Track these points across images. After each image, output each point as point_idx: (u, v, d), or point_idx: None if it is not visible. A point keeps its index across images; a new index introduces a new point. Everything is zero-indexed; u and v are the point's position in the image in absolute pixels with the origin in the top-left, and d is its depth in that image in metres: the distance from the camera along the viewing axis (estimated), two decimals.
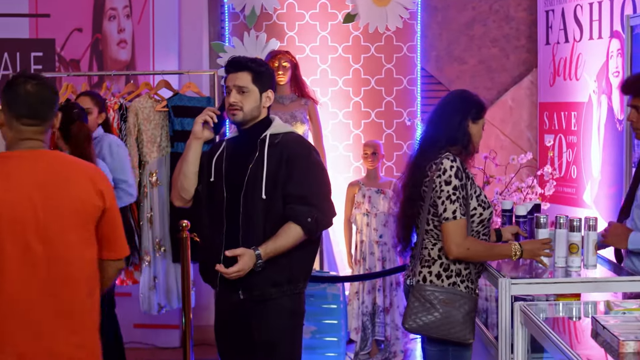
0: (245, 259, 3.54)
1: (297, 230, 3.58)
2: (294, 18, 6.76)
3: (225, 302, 3.80)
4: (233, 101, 3.69)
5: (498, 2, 6.84)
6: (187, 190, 3.82)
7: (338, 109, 6.79)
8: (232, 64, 3.80)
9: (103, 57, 6.95)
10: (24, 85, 3.00)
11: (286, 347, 3.74)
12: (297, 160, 3.69)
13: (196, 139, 3.82)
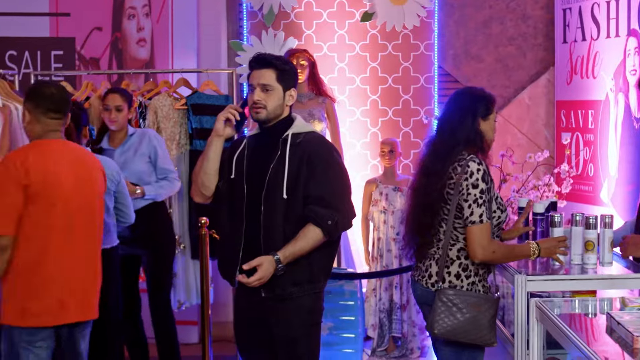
0: (265, 266, 3.56)
1: (317, 232, 3.59)
2: (312, 17, 6.78)
3: (244, 299, 3.81)
4: (257, 99, 3.67)
5: (515, 1, 6.86)
6: (208, 187, 3.83)
7: (355, 107, 6.80)
8: (257, 60, 3.77)
9: (122, 56, 6.99)
10: (48, 88, 3.91)
11: (305, 344, 3.76)
12: (319, 161, 3.68)
13: (218, 137, 3.81)
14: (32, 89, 3.94)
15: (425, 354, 6.02)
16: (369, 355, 5.98)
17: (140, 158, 5.26)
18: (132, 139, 5.30)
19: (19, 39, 6.80)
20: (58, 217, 3.68)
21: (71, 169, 3.75)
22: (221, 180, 3.84)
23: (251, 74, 3.75)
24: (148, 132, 5.38)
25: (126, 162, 5.19)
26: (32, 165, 3.63)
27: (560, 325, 2.72)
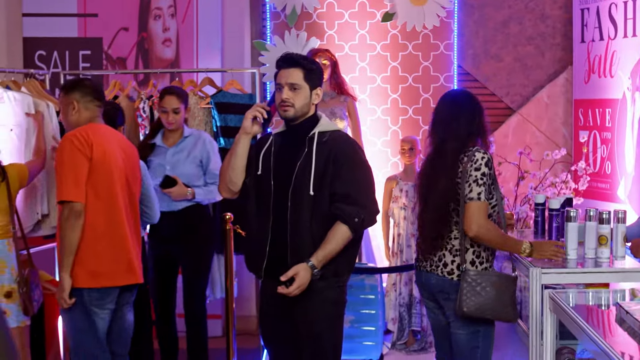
0: (302, 274, 3.64)
1: (345, 231, 3.67)
2: (334, 17, 6.80)
3: (270, 291, 3.86)
4: (285, 97, 3.74)
5: (534, 1, 6.89)
6: (235, 183, 3.89)
7: (376, 105, 6.85)
8: (285, 60, 3.83)
9: (148, 55, 7.04)
10: (85, 81, 4.35)
11: (328, 335, 3.83)
12: (345, 159, 3.74)
13: (245, 134, 3.87)
14: (73, 83, 4.30)
15: None
16: (389, 348, 6.03)
17: (192, 161, 5.27)
18: (187, 140, 5.28)
19: (48, 39, 6.88)
20: (116, 188, 4.10)
21: (119, 149, 4.19)
22: (248, 176, 3.90)
23: (279, 73, 3.81)
24: (203, 136, 5.35)
25: (177, 163, 5.22)
26: (93, 140, 4.01)
27: (572, 315, 2.82)
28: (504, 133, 6.90)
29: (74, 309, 3.97)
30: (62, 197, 3.94)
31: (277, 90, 3.80)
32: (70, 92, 4.21)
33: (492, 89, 6.96)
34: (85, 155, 3.98)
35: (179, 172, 5.16)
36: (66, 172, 3.96)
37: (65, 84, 4.35)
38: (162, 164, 5.22)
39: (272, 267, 3.78)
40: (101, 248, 4.04)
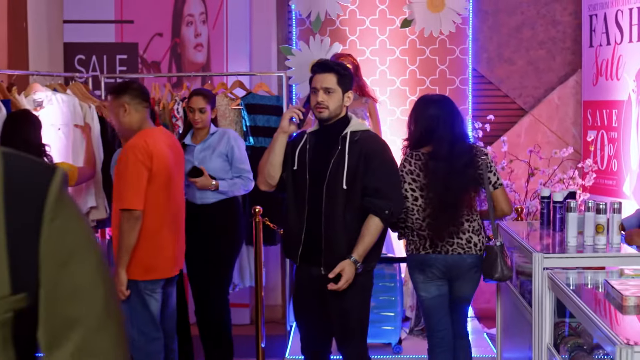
0: (347, 269, 3.96)
1: (377, 223, 3.99)
2: (356, 23, 6.88)
3: (305, 275, 4.19)
4: (321, 100, 4.02)
5: (545, 7, 7.05)
6: (273, 177, 4.19)
7: (396, 106, 6.91)
8: (320, 65, 4.12)
9: (181, 60, 7.23)
10: (133, 84, 4.66)
11: (357, 316, 4.17)
12: (374, 156, 4.04)
13: (283, 133, 4.17)
14: (122, 86, 4.63)
15: None
16: (407, 333, 6.14)
17: (218, 156, 5.37)
18: (212, 137, 5.41)
19: (87, 44, 7.06)
20: (168, 191, 4.51)
21: (168, 148, 4.55)
22: (284, 171, 4.18)
23: (314, 78, 4.07)
24: (228, 132, 5.50)
25: (204, 159, 5.34)
26: (153, 151, 4.39)
27: (565, 290, 3.18)
28: (517, 133, 7.07)
29: (131, 297, 4.41)
30: (125, 206, 4.34)
31: (313, 93, 4.05)
32: (120, 95, 4.50)
33: (505, 91, 7.12)
34: (146, 166, 4.36)
35: (206, 167, 5.29)
36: (129, 181, 4.35)
37: (115, 88, 4.63)
38: (190, 160, 5.33)
39: (307, 254, 4.10)
40: (153, 246, 4.46)
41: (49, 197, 1.35)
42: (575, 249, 3.97)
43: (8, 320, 1.33)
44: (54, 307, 1.37)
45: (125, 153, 4.43)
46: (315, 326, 4.31)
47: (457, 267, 4.32)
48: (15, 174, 1.35)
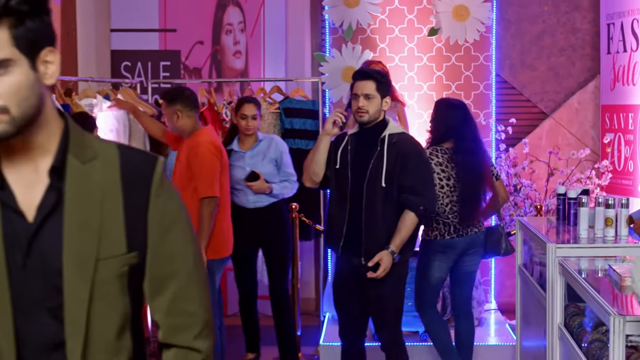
0: (385, 259, 4.34)
1: (412, 217, 4.35)
2: (385, 32, 7.00)
3: (346, 264, 4.56)
4: (361, 105, 4.33)
5: (565, 16, 7.26)
6: (317, 174, 4.53)
7: (423, 110, 6.97)
8: (361, 73, 4.46)
9: (221, 66, 7.48)
10: (186, 91, 5.10)
11: (393, 302, 4.53)
12: (410, 157, 4.38)
13: (327, 134, 4.49)
14: (174, 94, 5.07)
15: (482, 324, 6.46)
16: None
17: (269, 162, 5.53)
18: (261, 144, 5.56)
19: (133, 51, 7.36)
20: (226, 181, 5.14)
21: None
22: (328, 169, 4.51)
23: (355, 84, 4.39)
24: (275, 139, 5.67)
25: (255, 165, 5.51)
26: (219, 146, 5.02)
27: (573, 274, 3.55)
28: (538, 135, 7.31)
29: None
30: (209, 194, 4.90)
31: (354, 99, 4.37)
32: (172, 102, 4.93)
33: (527, 96, 7.34)
34: (218, 159, 4.97)
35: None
36: (208, 172, 4.91)
37: (167, 94, 5.04)
38: (242, 166, 5.50)
39: (348, 245, 4.46)
40: (219, 229, 5.06)
41: (154, 180, 1.78)
42: (586, 241, 4.28)
43: (125, 272, 1.75)
44: (157, 264, 1.79)
45: (195, 149, 4.93)
46: (353, 311, 4.65)
47: (473, 243, 5.00)
48: (129, 163, 1.77)
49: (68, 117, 1.77)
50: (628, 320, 2.73)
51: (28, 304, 1.69)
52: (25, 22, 1.60)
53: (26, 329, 1.69)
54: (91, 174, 1.72)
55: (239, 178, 5.54)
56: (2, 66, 1.58)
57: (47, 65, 1.66)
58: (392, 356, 4.67)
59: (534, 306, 4.68)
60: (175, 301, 1.81)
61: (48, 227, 1.69)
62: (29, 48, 1.61)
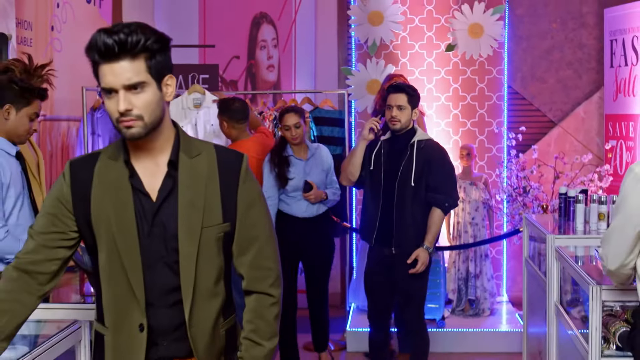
0: (422, 255, 4.81)
1: (439, 213, 4.81)
2: (406, 48, 7.29)
3: (378, 254, 5.00)
4: (394, 115, 4.76)
5: (573, 33, 7.62)
6: (354, 175, 5.00)
7: (441, 119, 7.33)
8: (395, 87, 4.87)
9: (256, 79, 7.83)
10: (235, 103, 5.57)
11: (419, 285, 4.99)
12: (436, 160, 4.83)
13: (363, 140, 4.96)
14: (224, 106, 5.55)
15: (494, 313, 6.93)
16: (449, 312, 6.87)
17: (321, 170, 5.55)
18: (316, 153, 5.56)
19: (175, 65, 7.51)
20: None
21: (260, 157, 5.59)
22: (363, 170, 4.96)
23: (389, 96, 4.81)
24: (322, 148, 5.66)
25: (311, 172, 5.50)
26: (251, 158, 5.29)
27: (566, 258, 4.13)
28: (547, 142, 7.67)
29: None
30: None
31: (388, 109, 4.80)
32: (221, 112, 5.43)
33: (537, 106, 7.67)
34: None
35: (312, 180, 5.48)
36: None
37: (219, 104, 5.53)
38: (300, 175, 5.48)
39: (381, 237, 4.92)
40: None
41: (241, 170, 2.44)
42: (581, 232, 4.78)
43: (220, 237, 2.41)
44: (243, 231, 2.45)
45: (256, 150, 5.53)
46: (381, 297, 5.10)
47: None
48: (223, 158, 2.44)
49: (179, 125, 2.44)
50: (604, 289, 3.33)
51: (152, 260, 2.35)
52: (156, 56, 2.26)
53: (151, 278, 2.35)
54: (196, 166, 2.39)
55: (296, 186, 5.49)
56: (139, 87, 2.25)
57: (167, 87, 2.33)
58: (416, 335, 5.13)
59: (538, 295, 5.10)
60: (256, 258, 2.47)
61: (167, 204, 2.35)
62: (157, 74, 2.28)
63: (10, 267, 2.38)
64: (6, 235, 3.71)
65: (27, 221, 3.98)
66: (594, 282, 3.40)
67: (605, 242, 2.99)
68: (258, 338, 2.47)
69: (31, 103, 3.91)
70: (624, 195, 2.92)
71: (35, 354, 2.58)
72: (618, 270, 2.99)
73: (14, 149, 3.98)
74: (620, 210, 2.95)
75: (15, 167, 3.97)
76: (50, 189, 2.44)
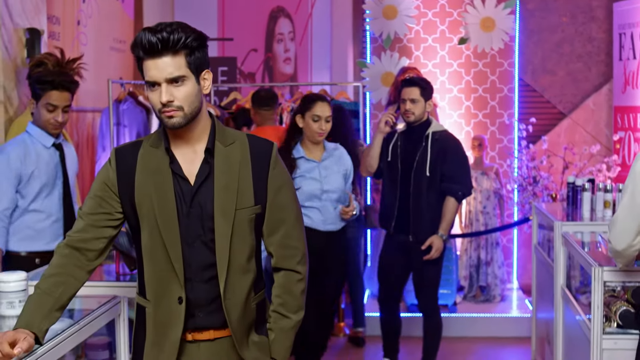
0: (436, 242, 4.98)
1: (453, 202, 4.96)
2: (420, 41, 7.43)
3: (396, 240, 5.18)
4: (409, 108, 4.91)
5: (582, 26, 7.75)
6: (372, 166, 5.17)
7: (453, 111, 7.47)
8: (408, 81, 5.01)
9: (273, 71, 7.98)
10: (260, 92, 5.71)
11: (433, 269, 5.18)
12: (450, 150, 4.99)
13: (380, 132, 5.13)
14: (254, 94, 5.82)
15: (504, 299, 7.12)
16: (461, 298, 7.06)
17: (340, 174, 4.74)
18: (331, 152, 4.76)
19: None
20: None
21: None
22: (381, 161, 5.12)
23: (403, 90, 4.95)
24: (341, 148, 4.86)
25: (328, 177, 4.70)
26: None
27: (571, 242, 4.34)
28: (557, 133, 7.82)
29: None
30: None
31: (402, 102, 4.95)
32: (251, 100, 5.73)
33: (547, 98, 7.81)
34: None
35: (330, 186, 4.64)
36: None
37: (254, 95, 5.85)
38: (316, 179, 4.68)
39: (399, 225, 5.10)
40: None
41: (272, 157, 2.66)
42: (588, 219, 4.98)
43: (252, 218, 2.64)
44: (272, 213, 2.68)
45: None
46: (394, 282, 5.29)
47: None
48: (255, 146, 2.66)
49: (214, 116, 2.67)
50: (606, 270, 3.54)
51: (190, 238, 2.58)
52: (195, 52, 2.49)
53: (189, 255, 2.59)
54: (231, 153, 2.62)
55: (313, 193, 4.64)
56: (180, 80, 2.48)
57: (204, 81, 2.56)
58: (431, 316, 5.33)
59: (547, 282, 5.28)
60: (284, 238, 2.70)
61: (203, 188, 2.58)
62: (196, 69, 2.51)
63: (62, 245, 2.62)
64: None
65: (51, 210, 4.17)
66: (596, 263, 3.61)
67: (613, 224, 3.13)
68: (285, 311, 2.70)
69: (45, 94, 4.08)
70: (633, 177, 3.05)
71: (80, 325, 2.81)
72: (625, 251, 3.14)
73: (50, 141, 4.18)
74: (628, 191, 3.08)
75: (49, 158, 4.16)
76: (96, 175, 2.68)
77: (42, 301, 2.51)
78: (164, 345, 2.60)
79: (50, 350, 2.52)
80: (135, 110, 6.26)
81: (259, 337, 2.70)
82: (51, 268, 2.59)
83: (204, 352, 2.63)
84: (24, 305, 2.54)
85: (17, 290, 2.85)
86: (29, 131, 4.15)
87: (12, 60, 4.86)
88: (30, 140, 4.11)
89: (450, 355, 6.24)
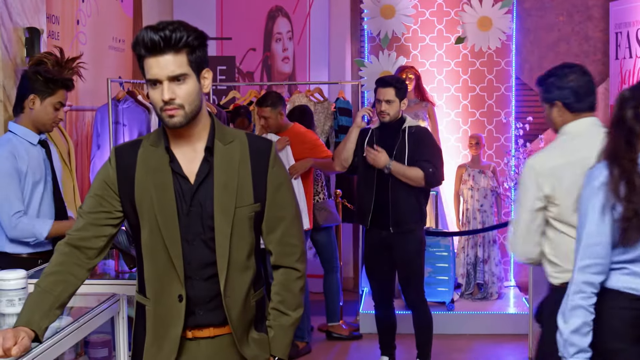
0: (382, 157, 4.98)
1: (418, 171, 4.97)
2: (417, 40, 7.44)
3: (375, 236, 5.22)
4: (384, 109, 5.00)
5: (579, 25, 7.72)
6: (347, 160, 5.23)
7: (451, 109, 7.48)
8: (382, 81, 5.08)
9: (271, 70, 7.96)
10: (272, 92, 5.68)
11: (417, 263, 5.19)
12: (425, 142, 5.07)
13: (357, 127, 5.22)
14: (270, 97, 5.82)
15: (502, 297, 7.12)
16: (459, 296, 7.06)
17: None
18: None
19: None
20: None
21: None
22: (355, 156, 5.18)
23: (378, 90, 5.03)
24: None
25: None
26: None
27: None
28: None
29: None
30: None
31: (377, 102, 5.02)
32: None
33: None
34: None
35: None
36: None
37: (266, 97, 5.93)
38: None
39: (376, 219, 5.14)
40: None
41: (270, 156, 2.69)
42: None
43: (252, 216, 2.66)
44: (271, 211, 2.71)
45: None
46: (382, 278, 5.31)
47: None
48: (254, 144, 2.69)
49: (213, 115, 2.70)
50: None
51: (191, 236, 2.61)
52: (196, 51, 2.52)
53: (189, 253, 2.61)
54: (230, 152, 2.64)
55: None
56: (181, 78, 2.50)
57: (204, 80, 2.59)
58: (419, 311, 5.34)
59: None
60: (283, 236, 2.72)
61: (203, 186, 2.61)
62: (197, 67, 2.53)
63: (62, 243, 2.65)
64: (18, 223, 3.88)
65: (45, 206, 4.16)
66: None
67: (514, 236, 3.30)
68: (285, 308, 2.73)
69: (55, 93, 4.08)
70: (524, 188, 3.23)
71: (79, 323, 2.83)
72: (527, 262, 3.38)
73: (36, 138, 4.16)
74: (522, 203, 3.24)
75: (37, 156, 4.15)
76: (96, 174, 2.70)
77: (42, 299, 2.54)
78: (164, 343, 2.62)
79: (50, 347, 2.55)
80: (137, 110, 6.26)
81: (259, 335, 2.73)
82: (51, 266, 2.62)
83: (204, 350, 2.66)
84: (24, 303, 2.57)
85: (16, 288, 2.88)
86: (12, 130, 4.07)
87: (12, 60, 4.88)
88: (17, 139, 4.05)
89: (448, 353, 6.23)
